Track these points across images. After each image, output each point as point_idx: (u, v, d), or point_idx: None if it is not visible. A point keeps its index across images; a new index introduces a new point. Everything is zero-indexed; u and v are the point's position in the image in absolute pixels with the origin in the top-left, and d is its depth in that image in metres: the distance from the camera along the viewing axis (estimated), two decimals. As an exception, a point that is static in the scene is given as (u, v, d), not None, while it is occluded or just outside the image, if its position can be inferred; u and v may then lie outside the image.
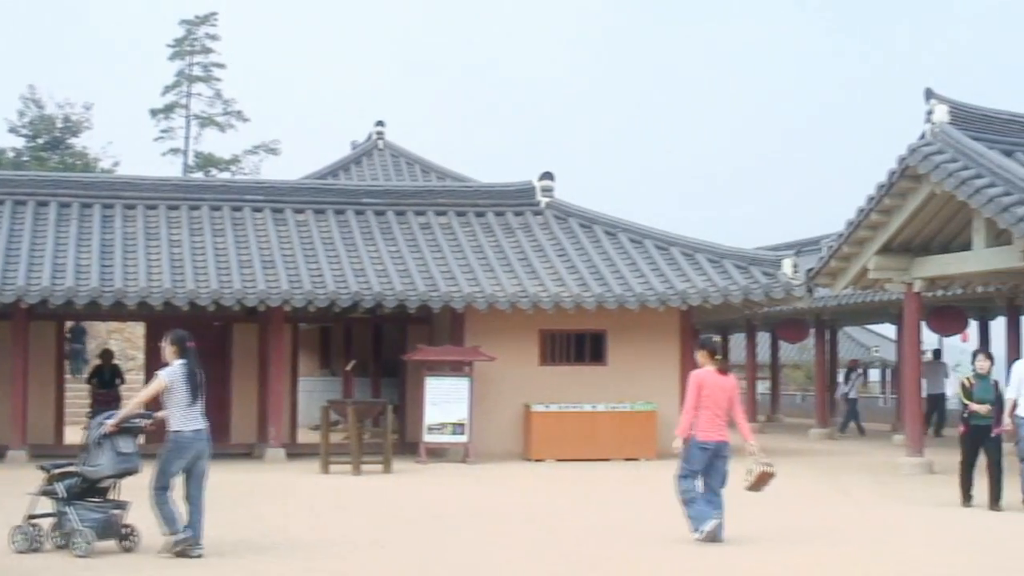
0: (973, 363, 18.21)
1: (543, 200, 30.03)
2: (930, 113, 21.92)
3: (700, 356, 14.74)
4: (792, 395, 54.29)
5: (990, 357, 18.41)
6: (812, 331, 38.66)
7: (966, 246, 22.35)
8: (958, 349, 45.83)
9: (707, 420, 14.28)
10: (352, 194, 30.01)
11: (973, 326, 36.29)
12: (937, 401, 34.50)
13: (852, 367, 38.76)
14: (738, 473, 14.54)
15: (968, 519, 16.26)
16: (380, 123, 41.77)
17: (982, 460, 17.87)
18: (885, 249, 23.59)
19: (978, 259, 22.00)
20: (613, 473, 23.19)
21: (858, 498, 18.91)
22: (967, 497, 17.94)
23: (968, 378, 18.00)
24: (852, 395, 37.48)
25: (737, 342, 52.31)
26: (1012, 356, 29.79)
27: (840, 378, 40.24)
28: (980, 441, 17.84)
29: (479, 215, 29.63)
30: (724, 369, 14.61)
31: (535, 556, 13.12)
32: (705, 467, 14.25)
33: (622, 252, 28.20)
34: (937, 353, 37.38)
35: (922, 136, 21.92)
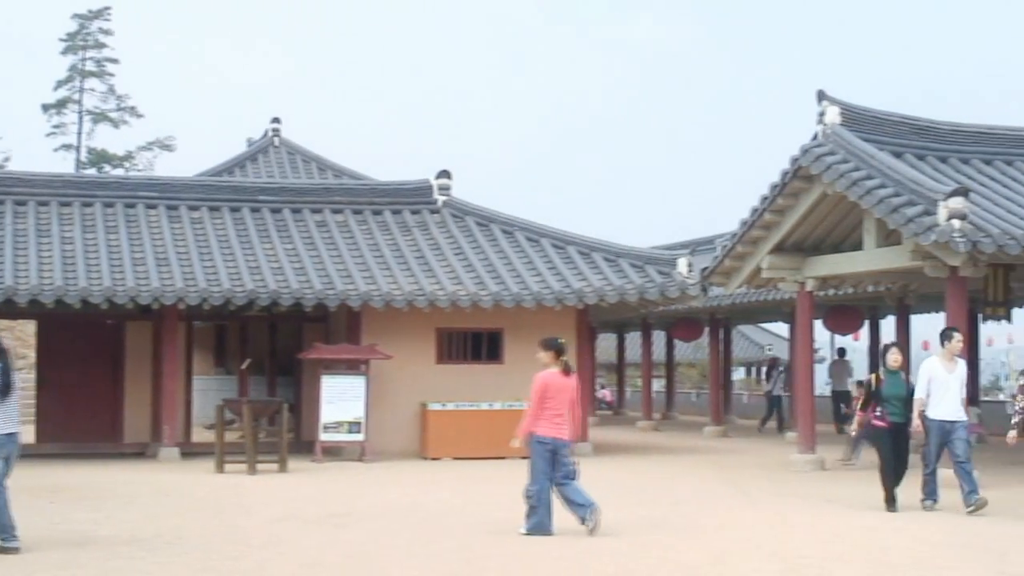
0: (884, 358, 17.61)
1: (440, 198, 30.01)
2: (822, 115, 22.22)
3: (546, 357, 14.82)
4: (687, 393, 54.76)
5: (903, 351, 17.85)
6: (707, 330, 39.06)
7: (857, 246, 22.69)
8: (851, 347, 46.56)
9: (548, 419, 14.52)
10: (248, 191, 29.77)
11: (864, 325, 36.88)
12: (842, 397, 35.05)
13: (772, 364, 39.09)
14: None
15: (857, 514, 16.49)
16: (276, 120, 41.45)
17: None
18: (778, 249, 23.89)
19: (869, 259, 22.35)
20: (508, 472, 23.21)
21: (751, 494, 19.10)
22: (890, 500, 16.86)
23: (878, 374, 17.46)
24: (775, 392, 37.84)
25: (633, 340, 52.69)
26: (903, 354, 30.30)
27: (763, 376, 40.61)
28: (895, 437, 17.06)
29: (376, 213, 29.54)
30: (568, 369, 14.75)
31: (426, 555, 13.10)
32: (552, 466, 14.30)
33: (519, 251, 28.28)
34: (842, 352, 37.99)
35: (814, 137, 22.22)
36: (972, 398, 31.24)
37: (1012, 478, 21.06)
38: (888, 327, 34.53)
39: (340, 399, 25.29)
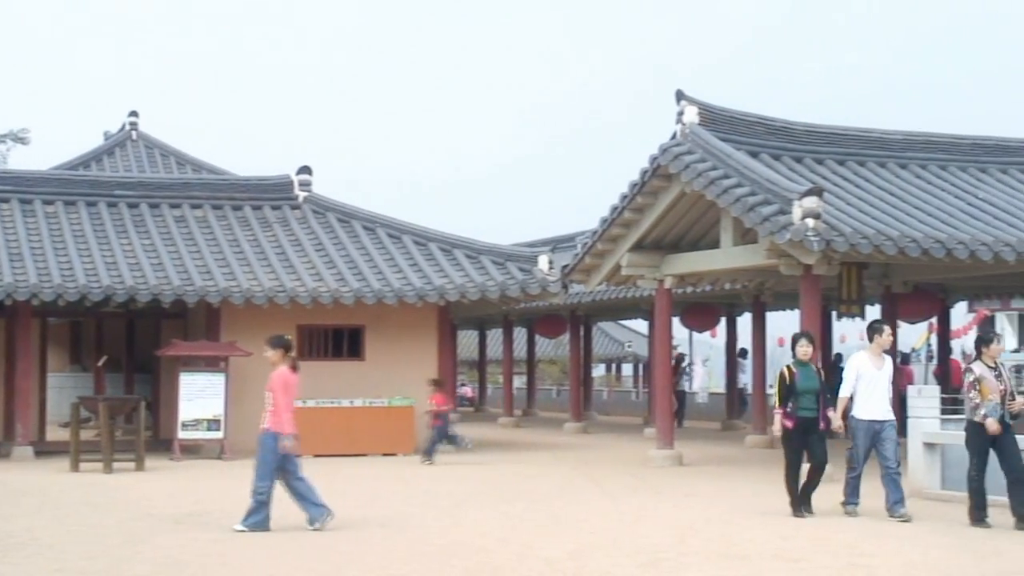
0: (794, 349, 16.18)
1: (301, 194, 29.82)
2: (681, 114, 22.50)
3: (274, 355, 14.85)
4: (548, 390, 55.08)
5: (813, 342, 16.45)
6: (567, 326, 39.32)
7: (715, 244, 23.02)
8: (707, 344, 47.18)
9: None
10: (104, 186, 29.29)
11: (721, 321, 37.48)
12: (741, 394, 35.54)
13: (678, 360, 39.43)
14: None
15: (715, 508, 16.72)
16: (134, 113, 40.83)
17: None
18: (638, 246, 24.15)
19: (726, 257, 22.69)
20: (368, 468, 23.18)
21: (610, 490, 19.29)
22: (798, 506, 15.88)
23: (789, 367, 15.92)
24: (679, 388, 38.12)
25: (494, 337, 52.90)
26: (758, 351, 30.89)
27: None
28: (807, 437, 15.84)
29: (236, 209, 29.26)
30: (295, 365, 14.93)
31: (283, 552, 13.03)
32: (282, 461, 14.58)
33: (380, 247, 28.21)
34: (743, 352, 38.52)
35: (673, 136, 22.50)
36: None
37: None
38: (744, 325, 35.11)
39: (199, 396, 25.02)
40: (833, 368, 35.53)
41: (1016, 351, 60.15)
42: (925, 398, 18.19)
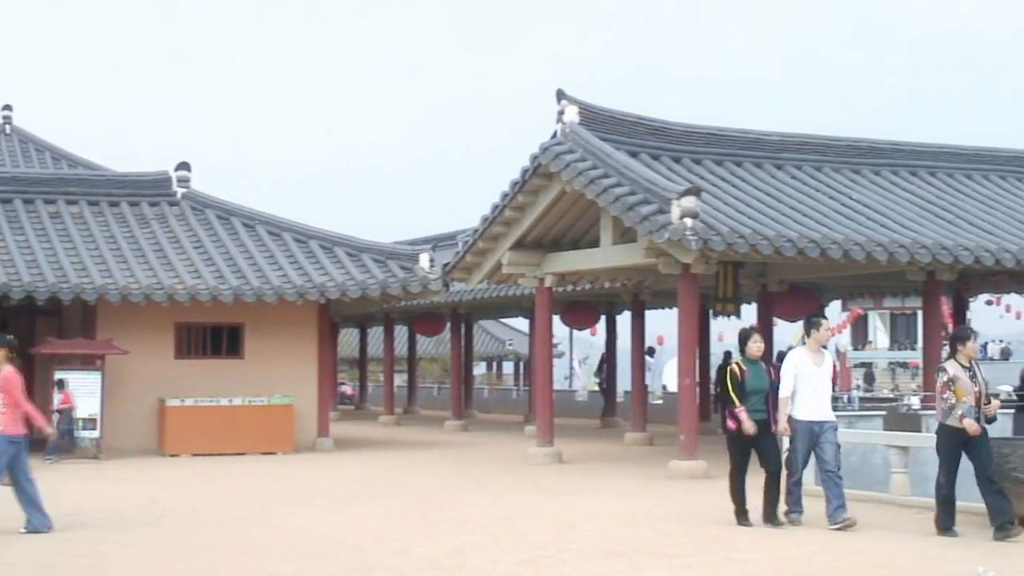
0: (743, 345, 14.90)
1: (179, 191, 29.47)
2: (561, 113, 22.63)
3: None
4: (429, 388, 55.06)
5: (764, 339, 15.55)
6: (448, 324, 39.35)
7: (595, 243, 23.19)
8: (587, 342, 47.49)
9: (18, 417, 14.43)
10: (-24, 181, 28.69)
11: (601, 320, 37.77)
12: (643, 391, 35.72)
13: (605, 359, 39.49)
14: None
15: (593, 505, 16.83)
16: (7, 107, 40.01)
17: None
18: (518, 245, 24.25)
19: (605, 255, 22.86)
20: (248, 467, 23.00)
21: (490, 487, 19.34)
22: (742, 513, 14.72)
23: (738, 363, 14.74)
24: (606, 385, 38.15)
25: (375, 335, 52.72)
26: (638, 349, 31.13)
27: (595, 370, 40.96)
28: (756, 441, 14.60)
29: (113, 205, 28.84)
30: (19, 367, 14.77)
31: (160, 554, 12.90)
32: (12, 464, 14.31)
33: (260, 245, 27.99)
34: (651, 351, 38.77)
35: (554, 136, 22.62)
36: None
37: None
38: (624, 323, 35.40)
39: (74, 395, 24.61)
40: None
41: (889, 349, 61.44)
42: (800, 395, 18.41)
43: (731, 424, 14.57)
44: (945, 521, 13.83)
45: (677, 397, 22.76)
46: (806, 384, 14.53)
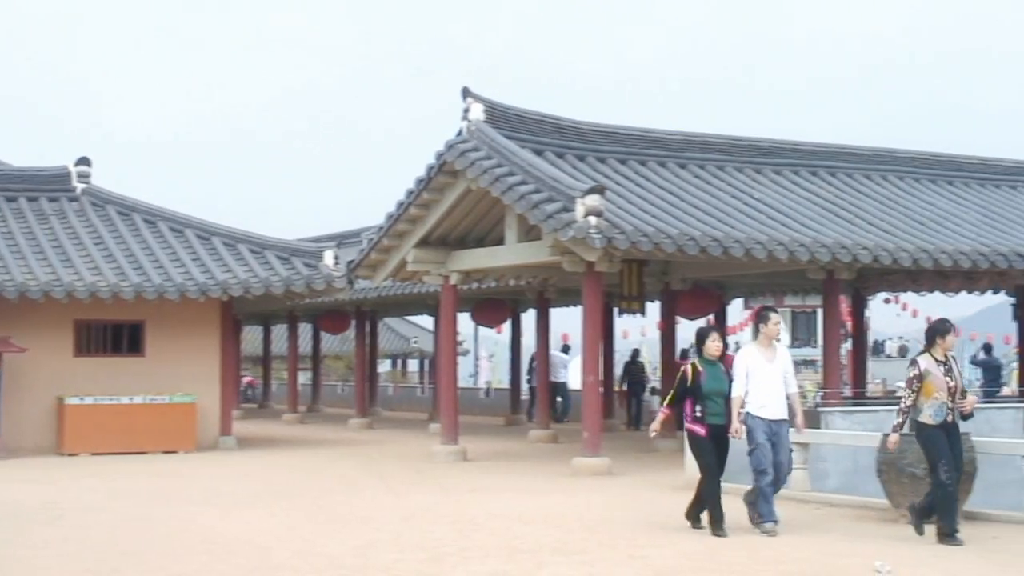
0: (701, 345, 14.17)
1: (79, 186, 29.07)
2: (467, 111, 22.63)
3: None
4: (333, 385, 54.82)
5: (723, 337, 14.75)
6: (353, 322, 39.21)
7: (500, 241, 23.23)
8: (493, 340, 47.51)
9: None
10: None
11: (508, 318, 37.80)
12: (558, 389, 35.76)
13: (535, 357, 39.28)
14: None
15: (497, 503, 16.86)
16: (-98, 100, 39.26)
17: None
18: (423, 242, 24.23)
19: (510, 253, 22.91)
20: (148, 466, 22.76)
21: (394, 485, 19.31)
22: (718, 521, 13.72)
23: (694, 363, 14.04)
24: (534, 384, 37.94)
25: (279, 333, 52.39)
26: (542, 347, 31.23)
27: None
28: (721, 444, 14.00)
29: (10, 200, 28.37)
30: None
31: (61, 554, 12.74)
32: None
33: (162, 241, 27.69)
34: (566, 348, 38.74)
35: (459, 133, 22.62)
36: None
37: (645, 463, 22.00)
38: (529, 321, 35.48)
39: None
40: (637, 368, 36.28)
41: (790, 346, 62.12)
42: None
43: (697, 429, 13.94)
44: (947, 524, 13.00)
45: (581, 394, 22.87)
46: (758, 381, 13.86)
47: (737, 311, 50.64)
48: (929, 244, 23.09)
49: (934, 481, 13.12)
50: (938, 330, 13.40)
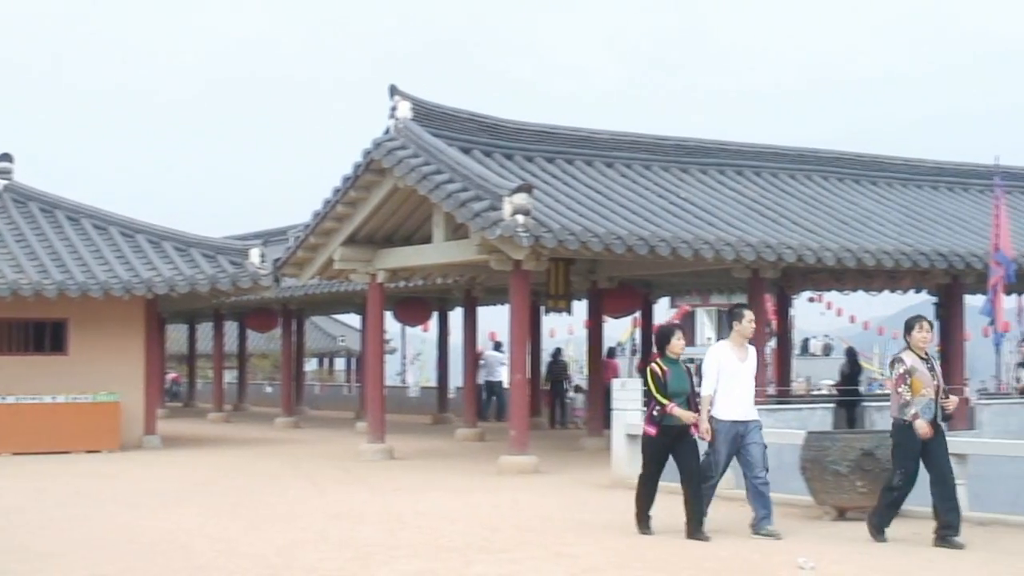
0: (664, 343, 13.57)
1: (1, 183, 28.70)
2: (394, 109, 22.59)
3: None
4: (259, 384, 54.50)
5: (685, 335, 14.00)
6: (279, 320, 39.02)
7: (427, 239, 23.21)
8: (420, 339, 47.48)
9: None
10: None
11: (433, 316, 37.81)
12: (494, 388, 35.68)
13: (479, 355, 39.19)
14: None
15: (423, 501, 16.84)
16: None
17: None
18: (350, 240, 24.16)
19: (438, 252, 22.89)
20: (71, 466, 22.53)
21: (321, 484, 19.24)
22: (644, 521, 13.56)
23: (659, 363, 13.44)
24: (479, 381, 37.84)
25: (204, 331, 52.00)
26: (470, 345, 31.25)
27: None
28: (672, 446, 13.40)
29: (-70, 197, 27.99)
30: None
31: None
32: None
33: (86, 238, 27.41)
34: (498, 345, 38.65)
35: (386, 131, 22.57)
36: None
37: (571, 461, 22.06)
38: (456, 319, 35.48)
39: None
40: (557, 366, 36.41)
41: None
42: (628, 391, 18.72)
43: (649, 429, 13.37)
44: (880, 522, 12.88)
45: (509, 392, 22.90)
46: (728, 380, 13.37)
47: (663, 310, 50.92)
48: (852, 243, 23.35)
49: (886, 484, 12.89)
50: (907, 326, 13.01)
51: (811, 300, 49.12)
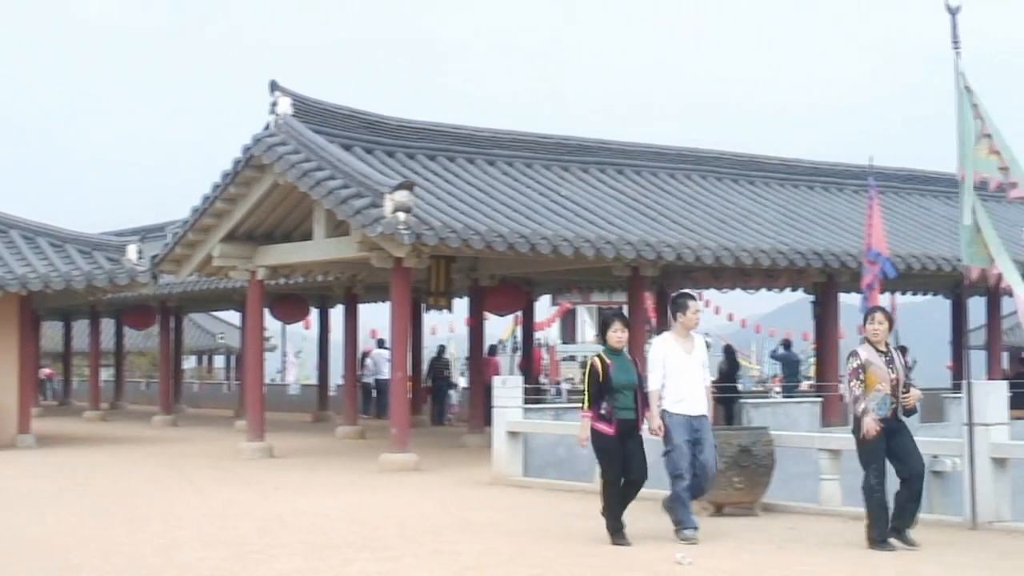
0: (604, 334, 12.88)
1: None
2: (274, 105, 22.42)
3: None
4: (137, 382, 53.81)
5: (627, 325, 13.05)
6: (158, 318, 38.56)
7: (308, 236, 23.07)
8: (300, 336, 47.27)
9: None
10: None
11: (314, 313, 37.64)
12: (382, 386, 35.47)
13: (367, 353, 38.78)
14: None
15: (302, 500, 16.76)
16: None
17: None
18: (230, 237, 23.93)
19: (318, 249, 22.78)
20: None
21: (199, 483, 19.05)
22: (618, 530, 12.66)
23: (602, 356, 12.64)
24: (372, 379, 37.46)
25: (80, 328, 51.21)
26: (351, 343, 31.12)
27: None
28: (632, 442, 12.68)
29: None
30: None
31: None
32: None
33: (-43, 234, 26.85)
34: (381, 343, 38.37)
35: (267, 127, 22.40)
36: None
37: (451, 457, 22.08)
38: (337, 316, 35.33)
39: None
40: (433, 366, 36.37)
41: (595, 343, 62.98)
42: (509, 388, 18.80)
43: (603, 428, 12.56)
44: (878, 531, 12.17)
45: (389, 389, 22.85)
46: (675, 373, 12.81)
47: (545, 307, 51.15)
48: (731, 242, 23.66)
49: (863, 485, 12.23)
50: (864, 316, 12.50)
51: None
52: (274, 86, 22.62)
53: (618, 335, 12.69)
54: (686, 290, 16.90)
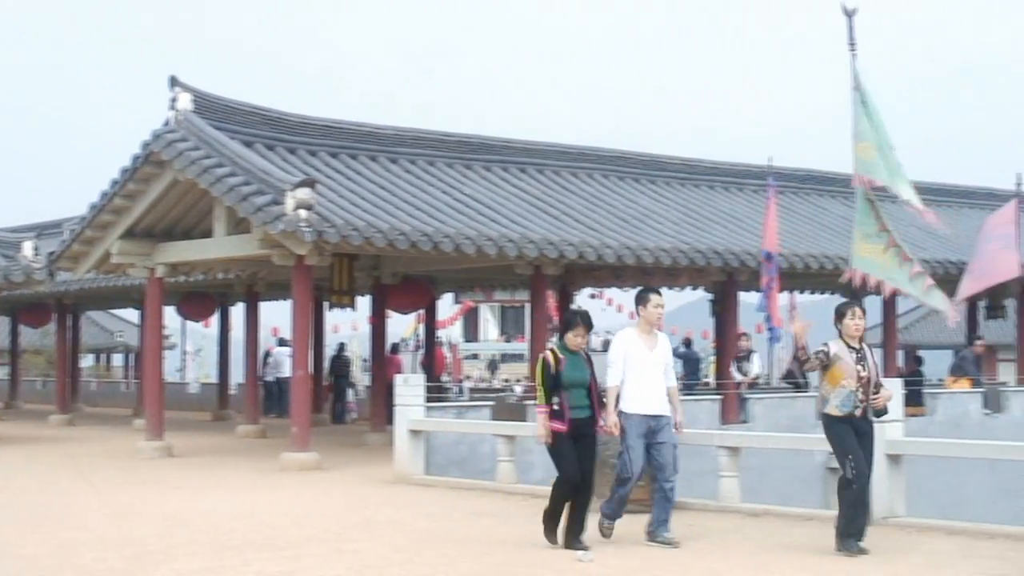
0: (564, 334, 12.33)
1: None
2: (174, 100, 22.20)
3: None
4: (33, 381, 52.99)
5: (590, 329, 12.38)
6: (54, 315, 38.04)
7: (208, 233, 22.87)
8: (200, 334, 46.92)
9: None
10: None
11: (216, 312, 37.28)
12: (283, 385, 35.07)
13: (270, 352, 38.30)
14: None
15: (202, 498, 16.62)
16: None
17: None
18: (128, 234, 23.67)
19: (219, 246, 22.59)
20: None
21: (97, 483, 18.82)
22: (552, 532, 12.34)
23: (555, 352, 12.18)
24: (269, 378, 36.97)
25: (-26, 327, 50.36)
26: (252, 341, 30.89)
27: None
28: (585, 441, 12.24)
29: None
30: None
31: None
32: None
33: None
34: (283, 341, 37.94)
35: (166, 123, 22.17)
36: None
37: (354, 456, 22.01)
38: (238, 314, 35.04)
39: None
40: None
41: (497, 340, 63.15)
42: (411, 386, 18.78)
43: (556, 426, 12.07)
44: (849, 530, 11.74)
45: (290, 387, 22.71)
46: (635, 370, 12.39)
47: (447, 305, 51.16)
48: (632, 241, 23.82)
49: (840, 480, 11.79)
50: (838, 313, 11.96)
51: (592, 296, 49.93)
52: (174, 82, 22.39)
53: (578, 340, 12.21)
54: (649, 285, 16.27)
